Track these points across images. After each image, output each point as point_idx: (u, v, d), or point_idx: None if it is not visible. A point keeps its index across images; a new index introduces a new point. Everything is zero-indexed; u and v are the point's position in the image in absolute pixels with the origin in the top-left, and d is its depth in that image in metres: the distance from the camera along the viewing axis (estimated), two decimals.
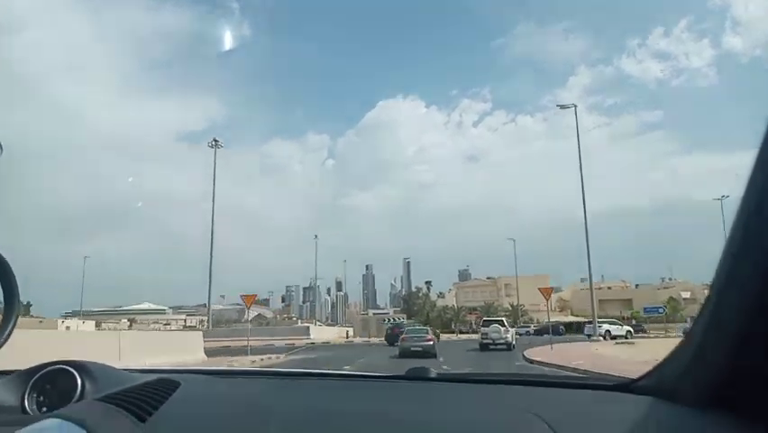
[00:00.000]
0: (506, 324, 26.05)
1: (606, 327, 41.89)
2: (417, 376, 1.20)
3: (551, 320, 32.64)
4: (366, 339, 40.38)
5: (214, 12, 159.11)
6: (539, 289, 25.16)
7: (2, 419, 0.85)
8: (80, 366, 0.99)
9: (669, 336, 40.50)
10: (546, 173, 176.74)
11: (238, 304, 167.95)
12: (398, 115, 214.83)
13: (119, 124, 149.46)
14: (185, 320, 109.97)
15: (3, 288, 0.91)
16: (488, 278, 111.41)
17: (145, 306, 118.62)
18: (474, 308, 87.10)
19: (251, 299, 21.50)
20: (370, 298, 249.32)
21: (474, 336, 48.90)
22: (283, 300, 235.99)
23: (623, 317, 73.73)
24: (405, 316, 43.17)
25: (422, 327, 26.00)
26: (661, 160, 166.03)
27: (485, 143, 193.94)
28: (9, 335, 0.92)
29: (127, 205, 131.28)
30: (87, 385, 0.96)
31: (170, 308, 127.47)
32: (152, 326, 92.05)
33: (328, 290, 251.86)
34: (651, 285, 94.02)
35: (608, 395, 0.96)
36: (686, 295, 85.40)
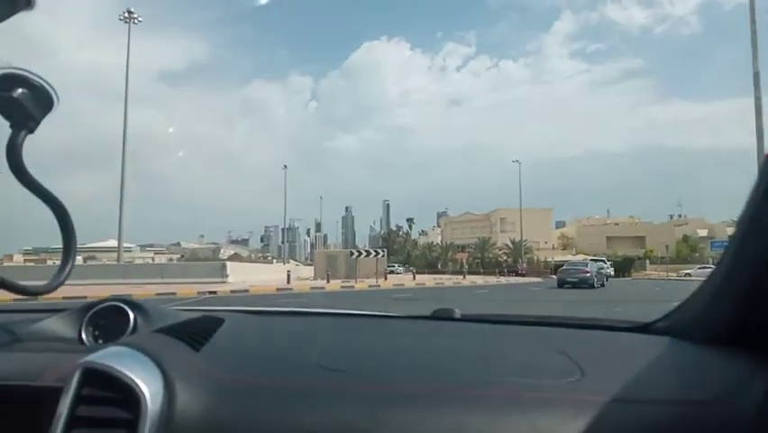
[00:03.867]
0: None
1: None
2: (443, 316, 1.27)
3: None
4: (321, 283, 25.64)
5: None
6: None
7: (64, 347, 0.91)
8: (131, 303, 1.04)
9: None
10: (528, 117, 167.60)
11: (214, 243, 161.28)
12: (382, 58, 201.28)
13: (95, 63, 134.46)
14: (152, 258, 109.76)
15: (63, 233, 0.92)
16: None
17: (110, 243, 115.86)
18: (464, 246, 76.57)
19: None
20: (349, 239, 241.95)
21: (478, 279, 39.08)
22: (262, 240, 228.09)
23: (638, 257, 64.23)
24: (384, 251, 30.87)
25: (582, 261, 29.26)
26: (636, 107, 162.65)
27: (468, 88, 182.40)
28: (68, 275, 0.95)
29: (103, 145, 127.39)
30: (139, 320, 1.00)
31: (139, 246, 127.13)
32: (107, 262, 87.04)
33: (308, 231, 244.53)
34: (663, 222, 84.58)
35: (628, 336, 1.01)
36: (702, 233, 76.03)
